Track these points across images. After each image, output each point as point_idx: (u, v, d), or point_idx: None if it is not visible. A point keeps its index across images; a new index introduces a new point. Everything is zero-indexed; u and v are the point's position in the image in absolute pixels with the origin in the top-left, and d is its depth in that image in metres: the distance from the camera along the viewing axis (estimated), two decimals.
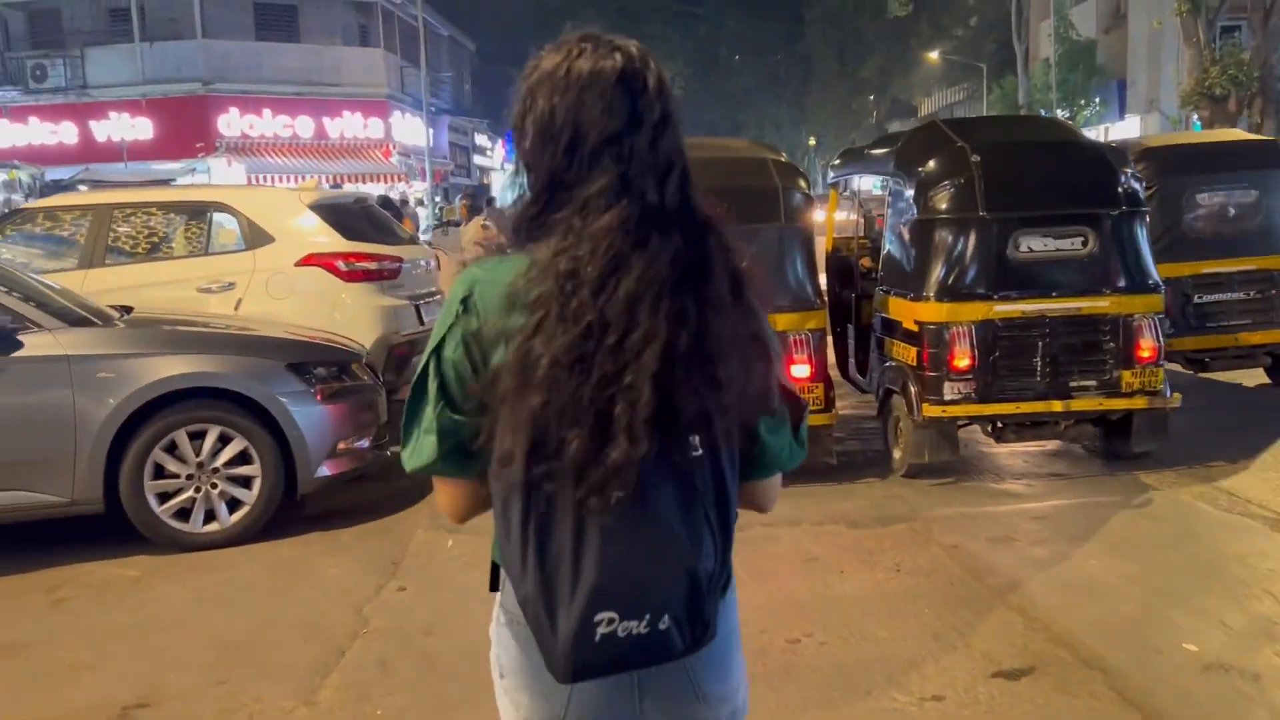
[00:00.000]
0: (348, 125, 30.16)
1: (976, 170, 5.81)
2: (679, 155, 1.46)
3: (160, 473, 5.38)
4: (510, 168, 2.35)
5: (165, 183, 18.77)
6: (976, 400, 5.84)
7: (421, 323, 7.99)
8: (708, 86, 64.60)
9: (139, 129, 27.66)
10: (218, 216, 7.61)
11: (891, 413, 6.33)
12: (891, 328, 6.27)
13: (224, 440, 5.47)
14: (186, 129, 27.50)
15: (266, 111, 28.69)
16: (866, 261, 7.19)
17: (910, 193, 6.06)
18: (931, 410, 5.84)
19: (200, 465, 5.43)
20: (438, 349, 1.46)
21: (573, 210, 1.40)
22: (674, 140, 1.46)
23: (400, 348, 7.62)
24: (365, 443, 5.92)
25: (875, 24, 53.37)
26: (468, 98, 41.53)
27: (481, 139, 42.18)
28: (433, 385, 1.46)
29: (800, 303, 5.94)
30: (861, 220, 7.91)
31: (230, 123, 28.22)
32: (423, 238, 15.15)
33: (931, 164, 5.98)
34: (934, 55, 50.88)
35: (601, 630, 1.34)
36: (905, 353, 6.07)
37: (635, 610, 1.34)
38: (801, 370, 5.89)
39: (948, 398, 5.83)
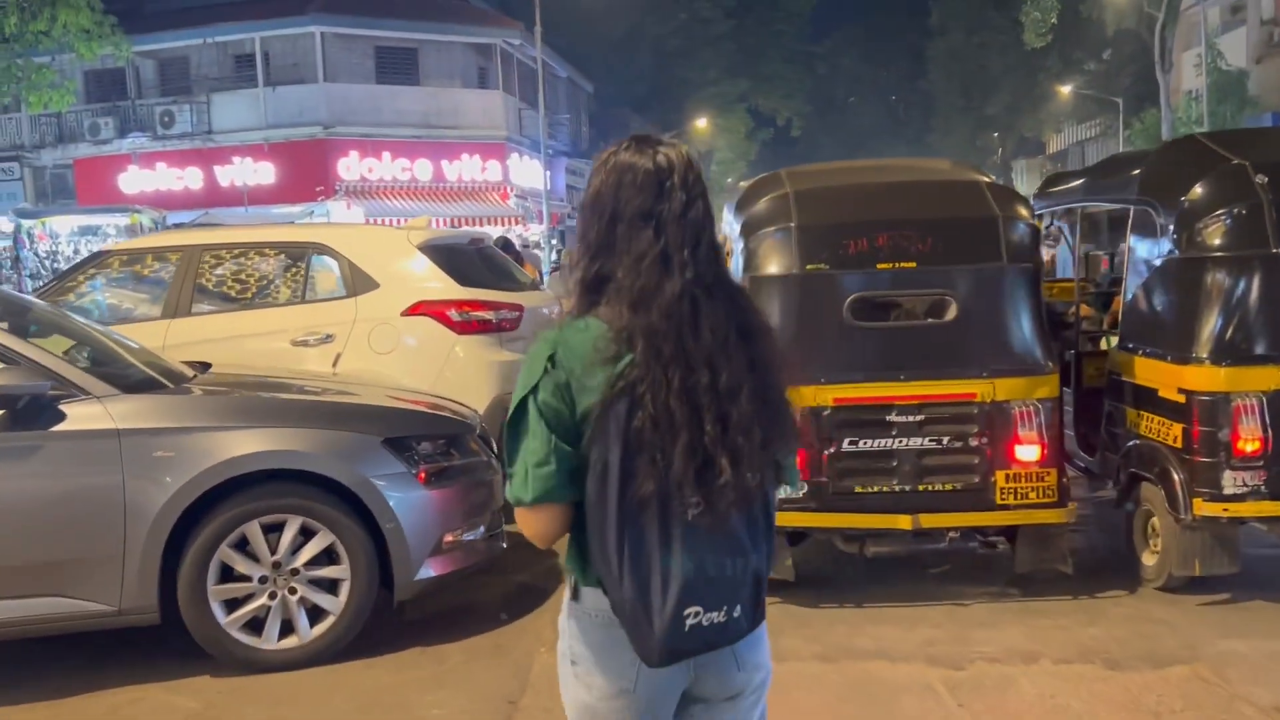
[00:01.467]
0: (465, 168, 29.73)
1: (1265, 194, 4.44)
2: (705, 227, 1.81)
3: (227, 575, 4.35)
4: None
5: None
6: (1267, 495, 4.43)
7: None
8: (825, 126, 63.42)
9: (260, 173, 27.67)
10: (316, 259, 6.67)
11: (1139, 505, 4.94)
12: (1138, 396, 4.90)
13: (306, 534, 4.42)
14: (306, 172, 27.40)
15: (386, 154, 28.44)
16: (1086, 309, 5.82)
17: (1168, 224, 4.71)
18: (1207, 508, 4.46)
19: (277, 565, 4.38)
20: (533, 393, 1.76)
21: (624, 273, 1.77)
22: (699, 215, 1.81)
23: None
24: (478, 534, 4.81)
25: (1003, 59, 51.47)
26: (585, 139, 41.01)
27: None
28: (539, 424, 1.75)
29: (1027, 365, 4.65)
30: (1080, 259, 6.53)
31: (350, 166, 28.03)
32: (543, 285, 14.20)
33: (1199, 188, 4.63)
34: (1066, 90, 48.75)
35: (690, 622, 1.72)
36: (1163, 429, 4.70)
37: (716, 604, 1.74)
38: (1029, 452, 4.58)
39: (1229, 491, 4.44)
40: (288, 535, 4.39)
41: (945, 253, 4.62)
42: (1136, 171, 5.14)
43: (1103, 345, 5.67)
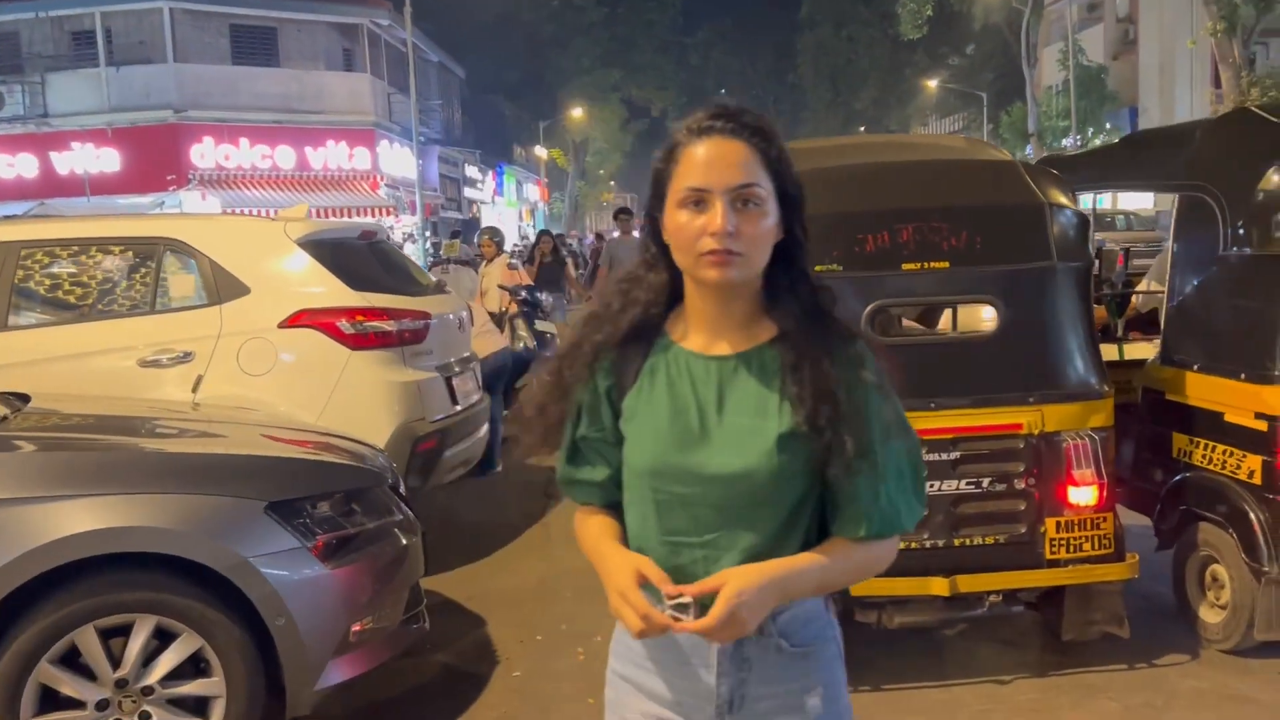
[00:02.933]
0: (332, 155, 27.97)
1: None
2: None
3: (51, 700, 3.15)
4: None
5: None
6: None
7: (455, 402, 5.77)
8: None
9: (104, 160, 25.35)
10: (170, 258, 5.40)
11: (1195, 550, 4.14)
12: (1193, 420, 4.10)
13: (163, 638, 3.25)
14: (156, 160, 25.23)
15: (244, 141, 26.47)
16: (1102, 312, 5.02)
17: (1235, 215, 3.91)
18: None
19: (122, 683, 3.20)
20: None
21: None
22: None
23: (428, 441, 5.40)
24: (394, 619, 3.70)
25: (870, 53, 52.01)
26: (458, 127, 39.44)
27: (472, 170, 40.05)
28: None
29: (1080, 389, 3.78)
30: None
31: (204, 153, 25.98)
32: None
33: (1277, 173, 3.83)
34: (933, 84, 49.54)
35: None
36: (1232, 461, 3.90)
37: None
38: (1084, 495, 3.71)
39: None
40: (137, 642, 3.20)
41: (984, 249, 3.71)
42: (1183, 152, 4.33)
43: (1117, 353, 4.88)
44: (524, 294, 9.67)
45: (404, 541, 3.79)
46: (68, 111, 25.77)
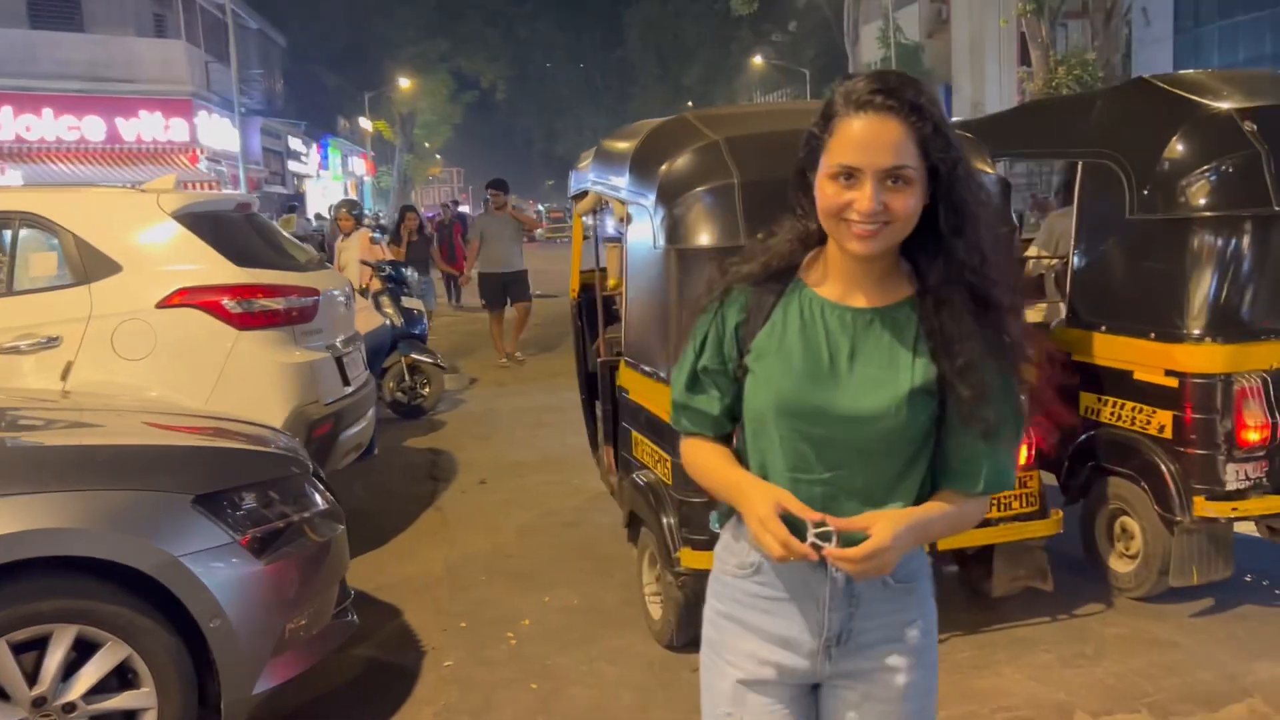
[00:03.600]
0: (146, 127, 26.29)
1: (1259, 145, 3.89)
2: None
3: None
4: None
5: None
6: (1270, 489, 3.91)
7: (347, 383, 5.49)
8: (527, 91, 62.56)
9: None
10: (26, 235, 4.91)
11: (1105, 504, 4.33)
12: (1101, 379, 4.27)
13: (85, 650, 2.95)
14: None
15: (47, 111, 24.57)
16: None
17: (1140, 181, 4.08)
18: (1210, 507, 3.88)
19: (40, 702, 2.89)
20: None
21: None
22: None
23: (323, 425, 5.12)
24: (327, 614, 3.48)
25: (697, 29, 52.54)
26: (280, 98, 37.72)
27: (296, 143, 38.43)
28: None
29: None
30: None
31: (2, 124, 24.01)
32: None
33: (1181, 140, 4.01)
34: (759, 60, 50.50)
35: None
36: (1142, 418, 4.08)
37: None
38: None
39: (1232, 487, 3.88)
40: (56, 655, 2.90)
41: None
42: (1086, 120, 4.48)
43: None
44: (388, 269, 9.33)
45: (332, 532, 3.56)
46: None
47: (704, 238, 3.69)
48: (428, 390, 9.08)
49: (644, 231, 3.98)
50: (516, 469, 7.02)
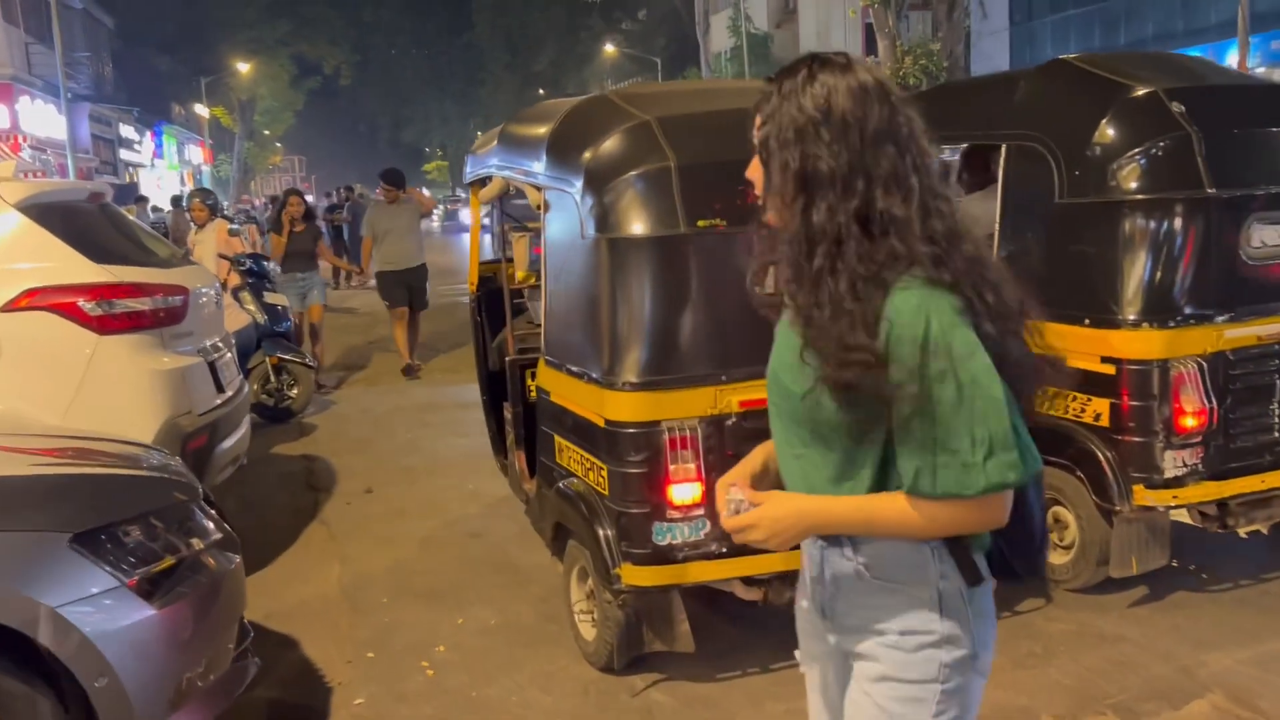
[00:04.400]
0: None
1: (1189, 126, 3.83)
2: None
3: None
4: None
5: None
6: (1207, 475, 3.87)
7: (221, 389, 4.99)
8: (371, 77, 60.90)
9: None
10: None
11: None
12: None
13: None
14: None
15: None
16: None
17: (1069, 164, 3.98)
18: (1150, 496, 3.81)
19: None
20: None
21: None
22: None
23: (198, 437, 4.62)
24: (226, 661, 3.06)
25: (546, 15, 52.02)
26: (109, 83, 35.49)
27: (128, 130, 36.27)
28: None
29: None
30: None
31: None
32: None
33: (1110, 122, 3.92)
34: (611, 49, 50.43)
35: None
36: (1077, 406, 4.00)
37: None
38: None
39: (1171, 475, 3.82)
40: None
41: None
42: (1008, 103, 4.37)
43: None
44: (248, 263, 8.69)
45: (228, 564, 3.14)
46: None
47: (638, 226, 3.39)
48: (295, 391, 8.50)
49: (567, 220, 3.67)
50: (404, 474, 6.59)
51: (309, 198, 20.96)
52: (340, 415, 8.54)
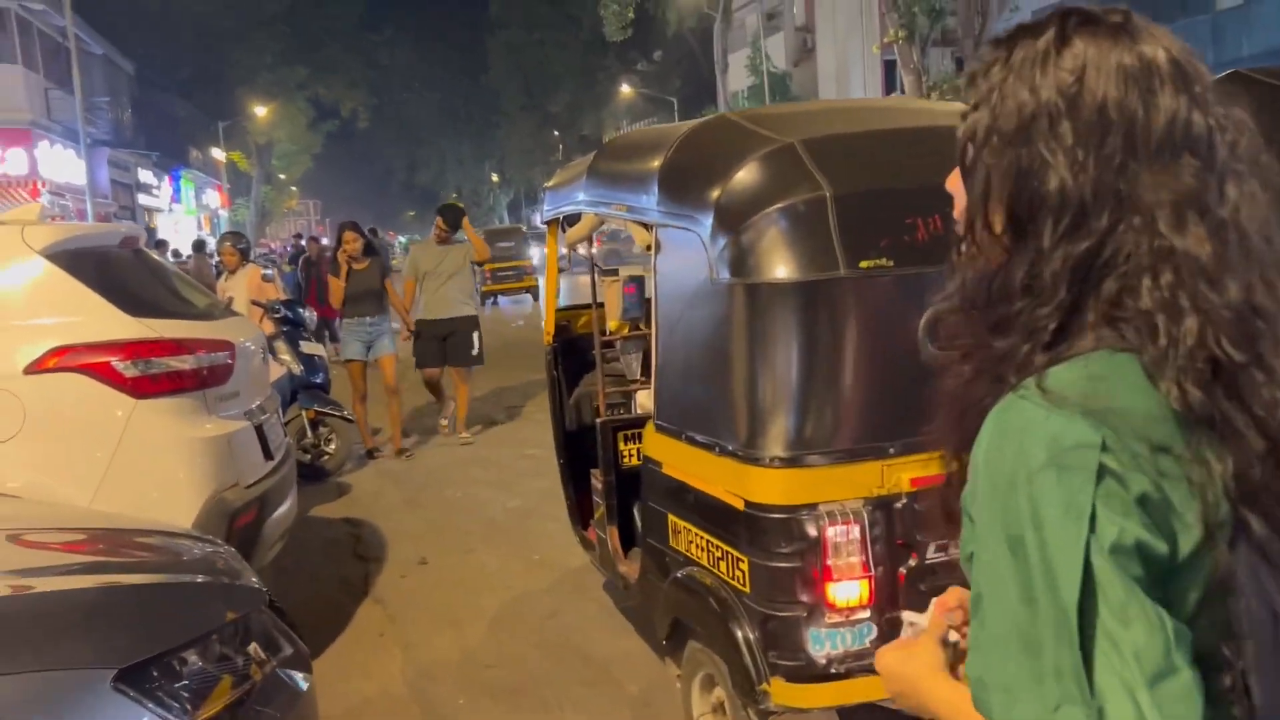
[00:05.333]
0: None
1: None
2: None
3: None
4: None
5: None
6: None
7: (270, 455, 4.44)
8: (388, 119, 61.16)
9: None
10: None
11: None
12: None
13: None
14: None
15: None
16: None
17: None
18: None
19: None
20: (1093, 533, 0.87)
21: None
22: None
23: (246, 512, 4.06)
24: None
25: (563, 57, 52.07)
26: (128, 128, 35.34)
27: (147, 175, 36.08)
28: (1131, 592, 0.87)
29: None
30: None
31: None
32: None
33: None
34: (627, 89, 50.50)
35: None
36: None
37: None
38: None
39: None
40: None
41: None
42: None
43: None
44: (282, 310, 8.17)
45: (300, 688, 2.57)
46: None
47: (786, 269, 2.83)
48: (333, 447, 7.96)
49: (688, 262, 3.11)
50: (459, 541, 6.01)
51: (323, 240, 20.50)
52: (381, 471, 7.98)
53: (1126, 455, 0.88)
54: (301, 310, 8.54)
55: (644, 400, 4.05)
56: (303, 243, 20.16)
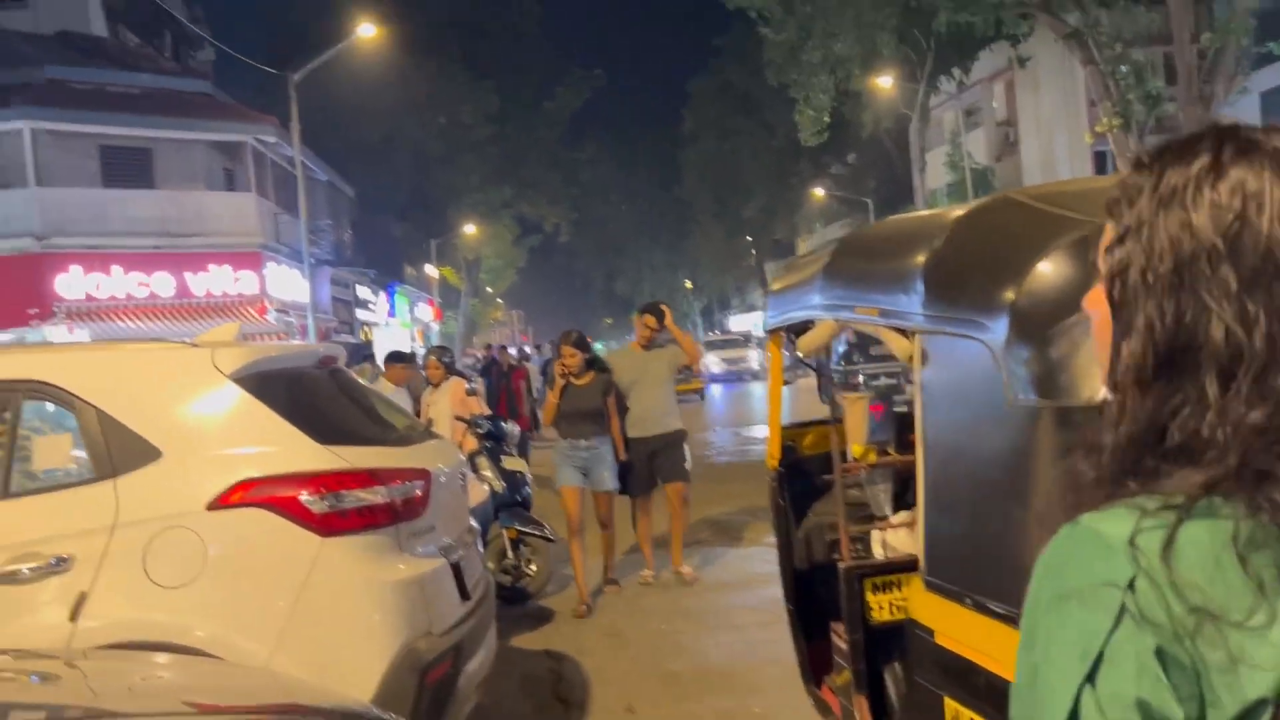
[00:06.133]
0: (215, 280, 25.79)
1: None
2: None
3: None
4: None
5: None
6: None
7: (466, 595, 3.98)
8: (587, 232, 63.14)
9: None
10: (34, 410, 3.54)
11: None
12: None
13: None
14: (16, 293, 22.65)
15: (116, 268, 24.13)
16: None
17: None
18: None
19: None
20: (1090, 679, 0.85)
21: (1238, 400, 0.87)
22: None
23: (439, 665, 3.59)
24: None
25: (755, 164, 52.44)
26: (349, 247, 37.55)
27: (364, 291, 38.10)
28: None
29: None
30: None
31: (71, 283, 23.53)
32: None
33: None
34: (820, 192, 50.32)
35: None
36: None
37: None
38: None
39: None
40: None
41: None
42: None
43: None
44: (486, 425, 7.90)
45: None
46: None
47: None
48: (534, 569, 7.54)
49: (971, 378, 2.48)
50: (671, 686, 5.39)
51: (527, 349, 20.46)
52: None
53: (1159, 605, 0.83)
54: (504, 424, 8.26)
55: (896, 542, 3.39)
56: (494, 354, 20.33)
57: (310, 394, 3.84)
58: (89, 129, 24.63)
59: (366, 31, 28.04)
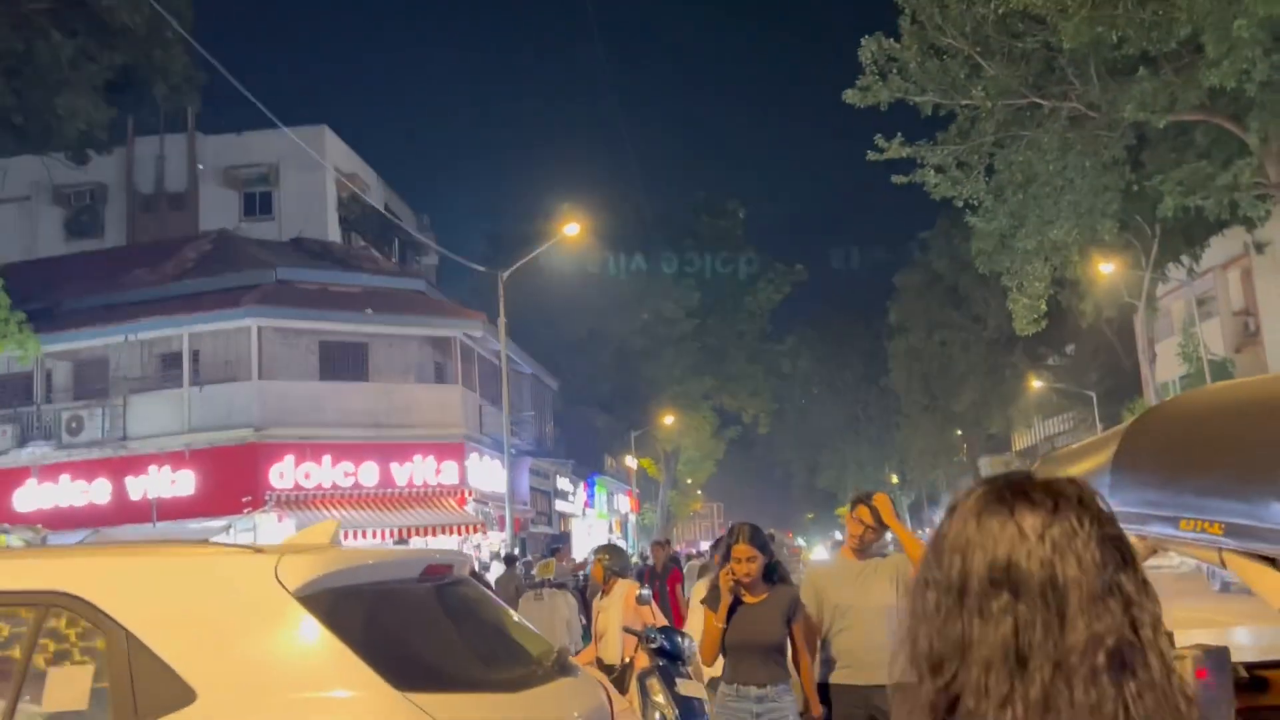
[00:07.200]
0: (418, 470, 26.07)
1: None
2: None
3: None
4: None
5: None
6: None
7: None
8: (788, 424, 62.05)
9: (179, 483, 23.68)
10: (54, 633, 2.81)
11: None
12: None
13: None
14: (233, 481, 23.50)
15: (326, 458, 24.73)
16: None
17: None
18: None
19: None
20: None
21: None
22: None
23: None
24: None
25: (966, 356, 50.49)
26: (550, 438, 37.87)
27: (563, 482, 38.06)
28: None
29: None
30: None
31: (284, 472, 24.20)
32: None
33: None
34: (1038, 384, 47.75)
35: None
36: None
37: None
38: None
39: None
40: None
41: None
42: None
43: None
44: (659, 639, 6.79)
45: None
46: (147, 434, 24.51)
47: None
48: None
49: None
50: None
51: (680, 548, 17.28)
52: None
53: None
54: (681, 639, 7.13)
55: None
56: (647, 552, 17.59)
57: (402, 618, 2.97)
58: (310, 325, 25.89)
59: (571, 230, 28.86)
